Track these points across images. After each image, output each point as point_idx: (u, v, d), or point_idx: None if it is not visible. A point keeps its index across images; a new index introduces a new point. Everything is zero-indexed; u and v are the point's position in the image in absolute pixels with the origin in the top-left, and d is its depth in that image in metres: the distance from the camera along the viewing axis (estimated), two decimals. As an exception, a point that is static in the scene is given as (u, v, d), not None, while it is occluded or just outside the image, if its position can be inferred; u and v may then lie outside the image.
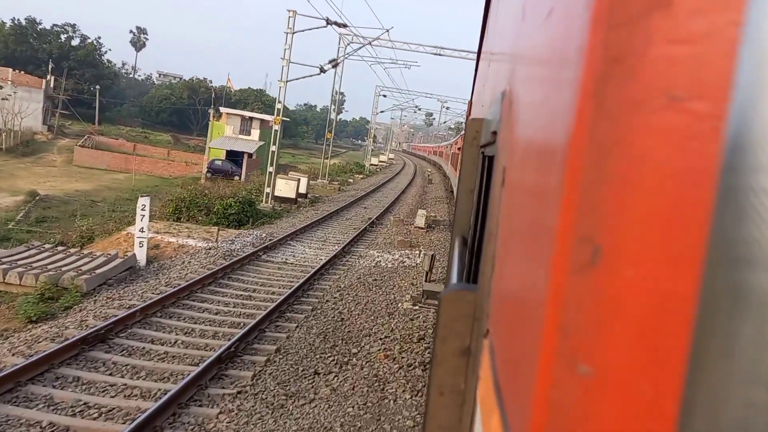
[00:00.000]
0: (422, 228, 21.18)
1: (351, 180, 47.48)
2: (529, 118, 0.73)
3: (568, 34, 0.50)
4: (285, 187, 27.17)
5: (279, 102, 25.33)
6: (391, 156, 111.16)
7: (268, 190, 25.43)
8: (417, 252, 17.50)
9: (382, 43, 35.96)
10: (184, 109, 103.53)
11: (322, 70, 25.28)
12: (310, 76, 25.42)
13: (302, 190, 29.13)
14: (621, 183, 0.40)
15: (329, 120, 39.98)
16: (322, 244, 17.90)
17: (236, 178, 50.21)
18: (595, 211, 0.41)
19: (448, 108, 68.07)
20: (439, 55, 35.80)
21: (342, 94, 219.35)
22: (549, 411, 0.43)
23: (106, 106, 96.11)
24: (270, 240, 17.30)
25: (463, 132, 8.37)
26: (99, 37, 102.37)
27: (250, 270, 13.94)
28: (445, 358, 1.04)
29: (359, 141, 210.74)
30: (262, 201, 25.48)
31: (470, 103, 5.13)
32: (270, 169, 25.53)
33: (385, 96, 60.67)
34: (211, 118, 49.01)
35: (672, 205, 0.37)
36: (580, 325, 0.41)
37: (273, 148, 25.51)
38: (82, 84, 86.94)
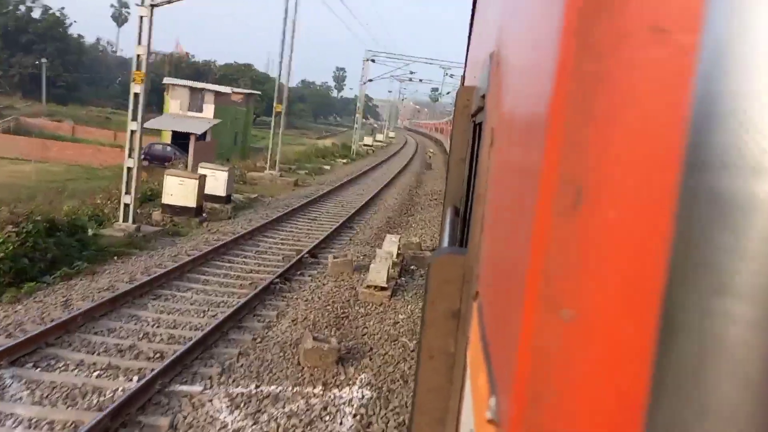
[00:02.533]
0: (384, 288, 10.07)
1: (327, 167, 36.59)
2: (516, 72, 0.73)
3: None
4: (178, 191, 16.31)
5: (140, 44, 14.24)
6: (392, 135, 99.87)
7: (127, 199, 14.44)
8: (347, 399, 6.52)
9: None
10: (163, 86, 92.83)
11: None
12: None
13: (218, 191, 18.28)
14: (604, 121, 0.38)
15: (279, 82, 28.63)
16: (103, 373, 6.91)
17: (181, 166, 39.40)
18: (579, 151, 0.39)
19: (452, 76, 56.48)
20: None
21: (342, 69, 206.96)
22: (532, 358, 0.41)
23: (73, 85, 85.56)
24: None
25: None
26: (62, 8, 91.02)
27: None
28: (434, 322, 1.05)
29: (363, 119, 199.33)
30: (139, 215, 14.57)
31: (463, 77, 5.21)
32: (129, 162, 14.52)
33: (374, 60, 49.27)
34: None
35: (654, 144, 0.36)
36: (563, 270, 0.40)
37: (133, 126, 14.46)
38: (40, 60, 76.03)
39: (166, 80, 43.06)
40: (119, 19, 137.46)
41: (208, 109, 41.55)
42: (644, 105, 0.37)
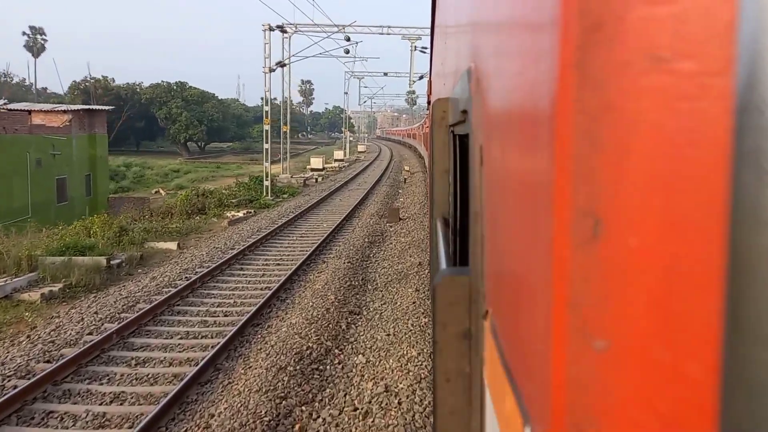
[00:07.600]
0: None
1: (173, 247, 16.40)
2: (505, 94, 0.73)
3: (538, 6, 0.49)
4: None
5: None
6: (362, 149, 79.47)
7: None
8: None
9: None
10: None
11: None
12: None
13: None
14: (615, 150, 0.39)
15: None
16: None
17: None
18: (591, 181, 0.40)
19: (423, 50, 36.38)
20: None
21: (309, 82, 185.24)
22: (568, 390, 0.41)
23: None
24: None
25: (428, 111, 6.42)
26: None
27: None
28: (447, 344, 1.05)
29: (335, 134, 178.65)
30: None
31: (430, 81, 5.30)
32: None
33: (284, 30, 28.94)
34: None
35: (670, 168, 0.37)
36: (590, 300, 0.40)
37: None
38: None
39: None
40: (34, 48, 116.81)
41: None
42: (655, 132, 0.37)
